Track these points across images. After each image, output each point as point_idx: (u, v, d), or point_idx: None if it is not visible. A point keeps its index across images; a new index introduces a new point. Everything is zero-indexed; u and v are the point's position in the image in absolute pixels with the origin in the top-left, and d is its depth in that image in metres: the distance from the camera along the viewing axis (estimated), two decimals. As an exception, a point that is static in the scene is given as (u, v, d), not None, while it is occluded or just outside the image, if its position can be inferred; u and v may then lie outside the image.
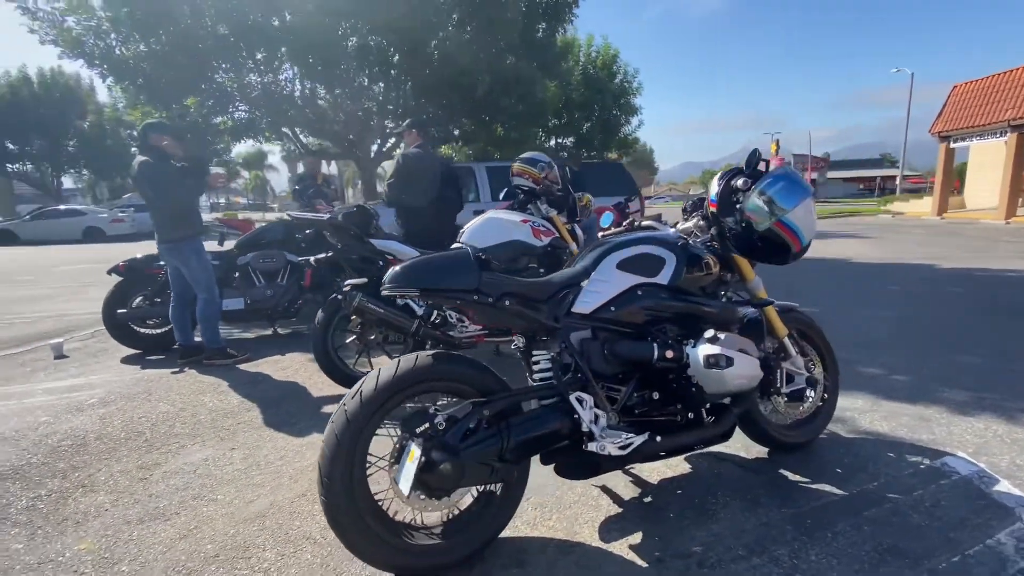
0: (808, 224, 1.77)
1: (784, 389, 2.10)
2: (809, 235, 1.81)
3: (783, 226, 1.74)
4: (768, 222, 1.74)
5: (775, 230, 1.76)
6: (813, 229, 1.81)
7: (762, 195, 1.73)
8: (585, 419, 1.61)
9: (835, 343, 3.42)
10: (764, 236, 1.78)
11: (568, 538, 1.70)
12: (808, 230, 1.79)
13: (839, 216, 21.34)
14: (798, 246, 1.80)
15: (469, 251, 1.66)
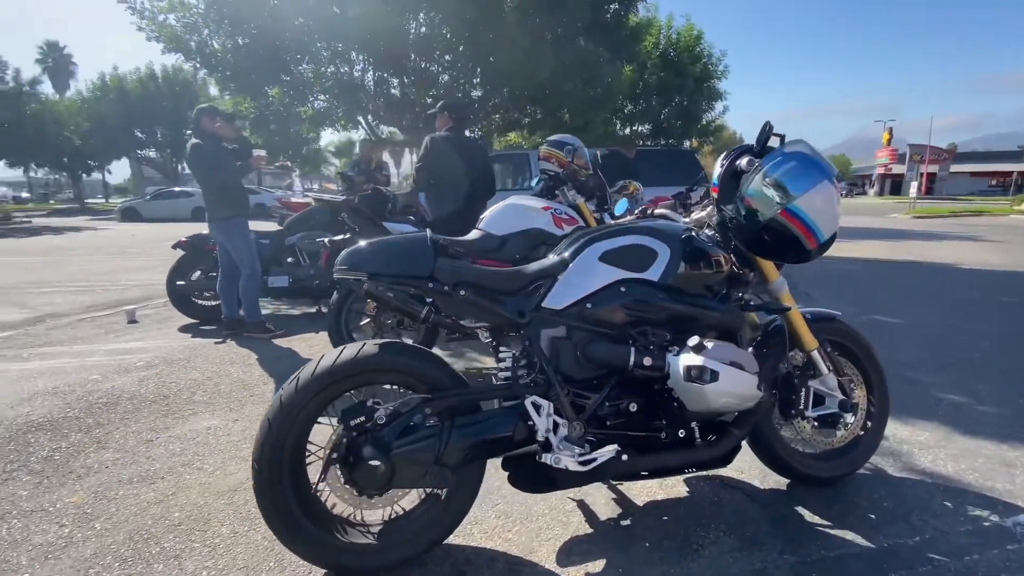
0: (826, 215, 1.44)
1: (810, 412, 1.78)
2: (828, 229, 1.46)
3: (791, 216, 1.42)
4: (772, 211, 1.43)
5: (781, 220, 1.44)
6: (834, 221, 1.47)
7: (767, 177, 1.43)
8: (540, 427, 1.44)
9: (913, 362, 2.93)
10: (769, 227, 1.47)
11: (523, 555, 1.54)
12: (826, 222, 1.45)
13: (959, 215, 18.62)
14: (812, 241, 1.47)
15: (427, 235, 1.53)
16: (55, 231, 15.07)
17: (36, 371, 3.24)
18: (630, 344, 1.50)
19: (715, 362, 1.39)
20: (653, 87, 16.44)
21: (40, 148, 19.09)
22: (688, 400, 1.44)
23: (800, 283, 6.05)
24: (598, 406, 1.51)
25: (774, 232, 1.47)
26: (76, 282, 6.56)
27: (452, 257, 1.54)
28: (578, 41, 9.15)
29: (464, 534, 1.64)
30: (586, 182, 3.23)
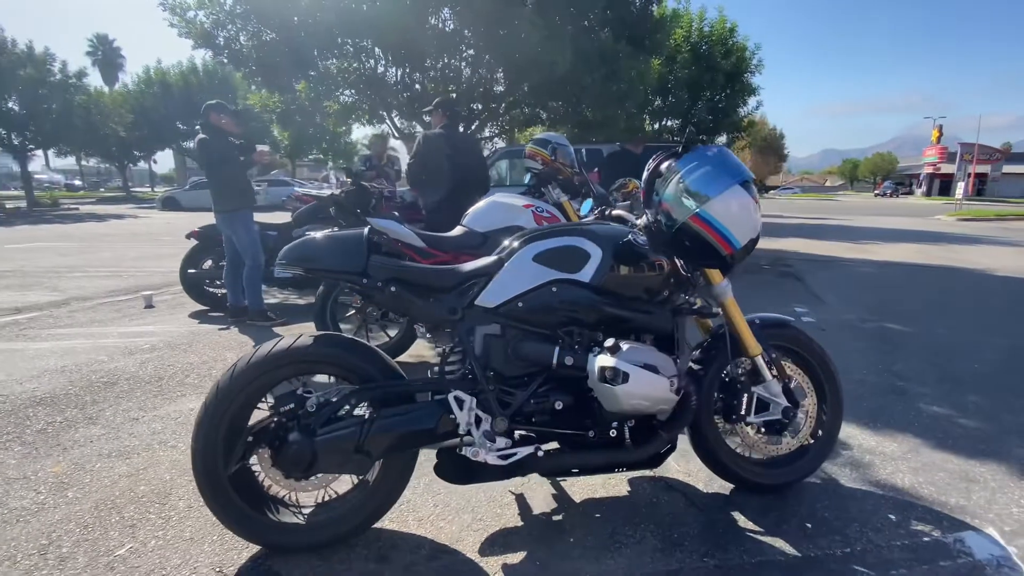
0: (739, 221, 1.41)
1: (752, 418, 1.76)
2: (743, 234, 1.44)
3: (702, 221, 1.41)
4: (684, 216, 1.42)
5: (693, 226, 1.43)
6: (750, 227, 1.44)
7: (681, 182, 1.42)
8: (462, 421, 1.49)
9: (909, 372, 2.86)
10: (683, 232, 1.46)
11: (449, 543, 1.60)
12: (740, 228, 1.42)
13: (1005, 219, 17.55)
14: (727, 247, 1.45)
15: (363, 232, 1.59)
16: (98, 218, 15.95)
17: (51, 350, 3.48)
18: (556, 344, 1.53)
19: (627, 364, 1.40)
20: (682, 81, 16.08)
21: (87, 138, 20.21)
22: (603, 400, 1.46)
23: (813, 285, 5.88)
24: (524, 403, 1.54)
25: (689, 237, 1.46)
26: (106, 267, 6.96)
27: (388, 255, 1.59)
28: (599, 34, 9.04)
29: (399, 520, 1.71)
30: (570, 180, 3.23)
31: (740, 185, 1.40)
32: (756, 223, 1.46)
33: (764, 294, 5.42)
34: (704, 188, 1.39)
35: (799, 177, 70.60)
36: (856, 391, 2.80)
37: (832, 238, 11.51)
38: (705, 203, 1.39)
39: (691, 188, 1.39)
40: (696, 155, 1.44)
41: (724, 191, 1.39)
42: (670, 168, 1.48)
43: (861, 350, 3.53)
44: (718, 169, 1.40)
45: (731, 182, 1.39)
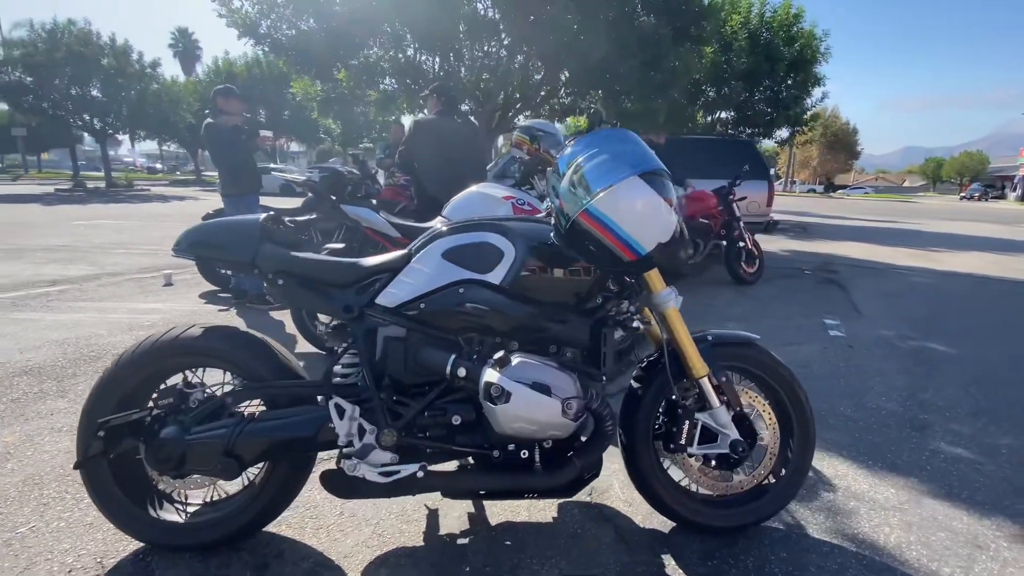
0: (639, 220, 1.17)
1: (694, 449, 1.53)
2: (646, 237, 1.20)
3: (591, 218, 1.18)
4: (574, 211, 1.20)
5: (583, 223, 1.20)
6: (656, 228, 1.20)
7: (577, 170, 1.19)
8: (341, 431, 1.35)
9: (939, 404, 2.59)
10: (577, 231, 1.23)
11: (336, 559, 1.48)
12: (641, 229, 1.18)
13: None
14: (627, 252, 1.21)
15: (257, 220, 1.49)
16: (163, 199, 17.09)
17: (62, 322, 3.67)
18: (454, 352, 1.37)
19: (511, 381, 1.22)
20: (738, 71, 15.13)
21: (159, 125, 21.72)
22: (489, 420, 1.28)
23: (855, 294, 5.33)
24: (418, 415, 1.39)
25: (583, 237, 1.24)
26: (149, 245, 7.37)
27: (283, 244, 1.48)
28: (639, 20, 8.60)
29: (297, 526, 1.61)
30: (557, 171, 3.00)
31: (639, 177, 1.16)
32: (666, 223, 1.22)
33: (793, 301, 4.96)
34: (596, 179, 1.17)
35: (873, 176, 65.33)
36: (865, 421, 2.44)
37: (896, 243, 10.50)
38: (595, 197, 1.17)
39: (584, 178, 1.17)
40: (594, 138, 1.22)
41: (616, 183, 1.16)
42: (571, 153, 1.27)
43: (888, 372, 3.11)
44: (616, 157, 1.18)
45: (627, 173, 1.16)
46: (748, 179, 7.31)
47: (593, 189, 1.17)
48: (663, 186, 1.20)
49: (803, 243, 10.32)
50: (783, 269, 6.96)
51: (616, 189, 1.16)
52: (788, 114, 16.19)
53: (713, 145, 8.26)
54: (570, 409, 1.25)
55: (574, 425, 1.28)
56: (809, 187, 49.02)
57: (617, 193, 1.17)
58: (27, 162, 31.46)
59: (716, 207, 5.73)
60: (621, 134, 1.25)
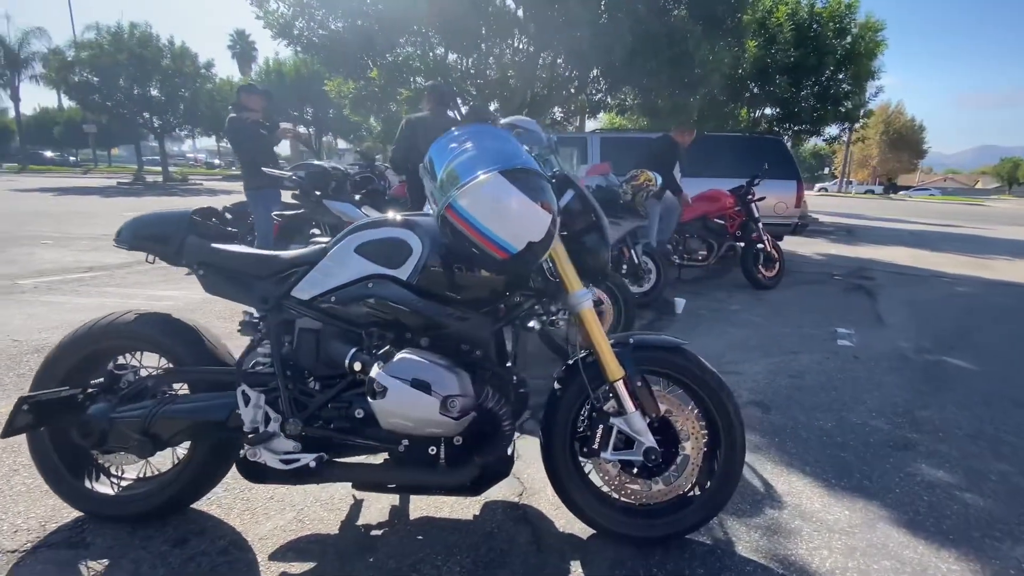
0: (502, 218, 1.13)
1: (608, 454, 1.49)
2: (514, 236, 1.16)
3: (456, 214, 1.15)
4: (442, 206, 1.17)
5: (450, 219, 1.17)
6: (524, 228, 1.15)
7: (450, 163, 1.16)
8: (246, 418, 1.40)
9: (934, 423, 2.51)
10: (447, 227, 1.20)
11: (252, 540, 1.54)
12: (507, 227, 1.14)
13: None
14: (497, 251, 1.17)
15: (187, 213, 1.56)
16: (212, 193, 18.05)
17: (85, 305, 3.96)
18: (354, 345, 1.38)
19: (388, 377, 1.22)
20: (781, 65, 14.43)
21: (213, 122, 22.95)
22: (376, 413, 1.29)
23: (883, 303, 5.00)
24: (322, 407, 1.42)
25: (453, 233, 1.21)
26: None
27: (208, 237, 1.54)
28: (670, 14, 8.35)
29: (227, 506, 1.68)
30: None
31: (502, 173, 1.13)
32: (535, 222, 1.17)
33: (810, 308, 4.71)
34: (462, 173, 1.14)
35: (941, 176, 60.75)
36: (843, 436, 2.29)
37: (950, 249, 9.77)
38: (457, 192, 1.14)
39: (453, 172, 1.14)
40: (466, 133, 1.19)
41: (475, 178, 1.13)
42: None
43: (888, 387, 2.90)
44: (482, 153, 1.14)
45: (489, 168, 1.12)
46: (776, 178, 7.00)
47: (456, 184, 1.15)
48: (530, 184, 1.16)
49: (843, 247, 9.78)
50: (811, 274, 6.61)
51: (476, 185, 1.14)
52: (838, 110, 15.34)
53: (739, 142, 7.92)
54: (453, 407, 1.24)
55: (455, 423, 1.27)
56: (867, 188, 46.13)
57: (478, 189, 1.14)
58: (97, 157, 34.02)
59: (732, 207, 5.50)
60: (492, 131, 1.22)
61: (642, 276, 4.48)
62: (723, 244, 5.53)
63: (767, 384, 2.89)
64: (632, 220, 4.34)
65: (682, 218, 5.47)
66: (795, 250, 8.74)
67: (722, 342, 3.64)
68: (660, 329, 3.98)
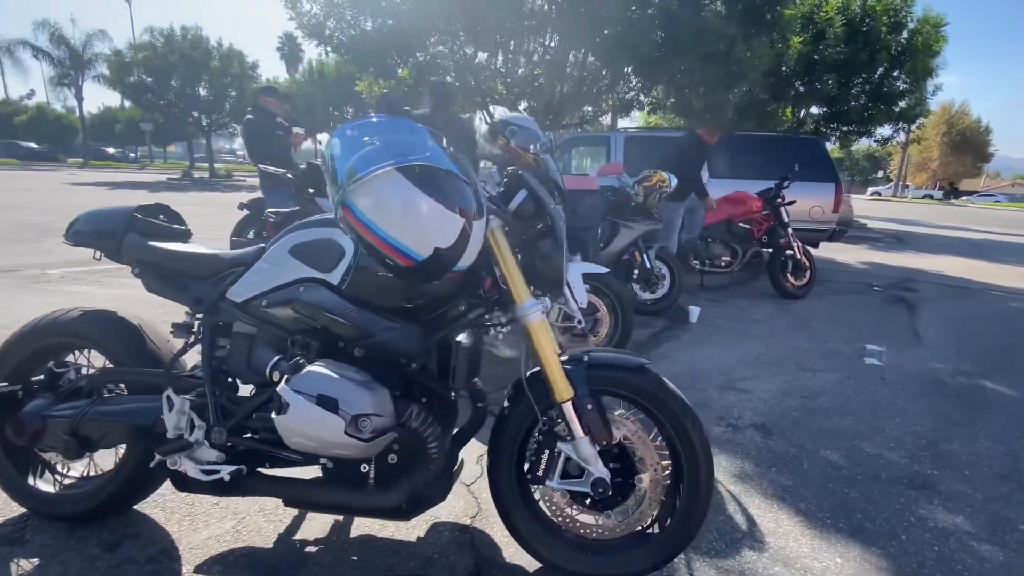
0: (400, 220, 1.00)
1: (554, 483, 1.35)
2: (418, 241, 1.02)
3: (353, 216, 1.03)
4: (338, 205, 1.05)
5: (346, 220, 1.05)
6: (427, 231, 1.02)
7: (346, 159, 1.03)
8: (169, 424, 1.34)
9: (960, 459, 2.24)
10: (347, 228, 1.08)
11: (184, 550, 1.48)
12: (408, 231, 1.01)
13: None
14: (400, 257, 1.04)
15: (129, 209, 1.52)
16: (253, 188, 18.70)
17: (103, 295, 4.10)
18: (275, 352, 1.30)
19: (292, 392, 1.13)
20: (829, 63, 13.66)
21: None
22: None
23: (924, 317, 4.59)
24: (248, 416, 1.35)
25: (353, 235, 1.09)
26: (211, 230, 8.07)
27: (148, 235, 1.50)
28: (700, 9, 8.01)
29: (169, 510, 1.64)
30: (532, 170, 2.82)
31: (399, 170, 1.00)
32: (443, 227, 1.04)
33: (839, 321, 4.37)
34: (358, 168, 1.02)
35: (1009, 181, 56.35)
36: (851, 469, 2.06)
37: (1010, 260, 9.00)
38: (351, 189, 1.02)
39: (352, 168, 1.02)
40: (370, 123, 1.07)
41: (368, 174, 1.00)
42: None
43: (913, 414, 2.61)
44: (384, 145, 1.01)
45: (383, 163, 1.00)
46: (812, 180, 6.58)
47: (348, 180, 1.02)
48: (435, 183, 1.03)
49: (890, 255, 9.14)
50: (848, 284, 6.18)
51: (368, 182, 1.01)
52: (892, 110, 14.42)
53: (773, 142, 7.51)
54: (364, 427, 1.13)
55: (365, 446, 1.16)
56: (925, 192, 43.32)
57: (367, 186, 1.02)
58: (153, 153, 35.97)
59: (759, 211, 5.18)
60: (400, 123, 1.11)
61: (655, 282, 4.27)
62: (748, 250, 5.22)
63: (775, 405, 2.66)
64: (644, 223, 4.14)
65: (705, 222, 5.20)
66: (834, 257, 8.22)
67: (734, 356, 3.40)
68: (670, 339, 3.76)
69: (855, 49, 13.47)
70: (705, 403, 2.63)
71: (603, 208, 4.06)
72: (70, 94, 29.58)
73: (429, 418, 1.23)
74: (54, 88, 28.65)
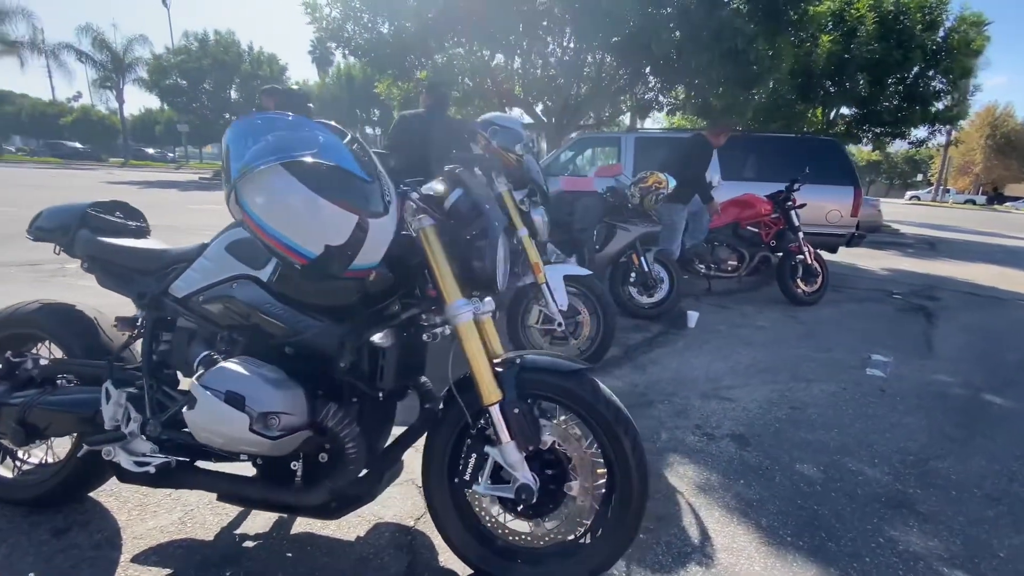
0: (288, 217, 0.98)
1: (480, 488, 1.32)
2: (307, 238, 1.00)
3: (244, 212, 1.02)
4: (228, 203, 1.04)
5: (244, 221, 1.04)
6: (312, 228, 0.99)
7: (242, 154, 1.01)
8: (106, 415, 1.37)
9: (952, 477, 2.13)
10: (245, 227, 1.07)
11: (128, 539, 1.51)
12: (296, 228, 0.99)
13: None
14: (293, 255, 1.02)
15: (82, 206, 1.56)
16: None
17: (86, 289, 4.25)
18: (206, 349, 1.32)
19: (201, 387, 1.13)
20: (862, 61, 13.17)
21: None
22: None
23: (941, 328, 4.37)
24: (178, 409, 1.37)
25: (250, 232, 1.08)
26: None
27: (99, 231, 1.54)
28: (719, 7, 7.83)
29: (122, 498, 1.68)
30: (514, 170, 2.81)
31: (284, 165, 0.99)
32: (333, 224, 1.01)
33: (848, 329, 4.19)
34: (247, 165, 1.00)
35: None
36: (826, 484, 1.97)
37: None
38: (240, 184, 1.01)
39: (243, 163, 1.01)
40: (265, 119, 1.06)
41: (252, 170, 0.99)
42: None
43: (908, 428, 2.48)
44: (275, 140, 1.00)
45: (268, 158, 0.98)
46: (830, 183, 6.35)
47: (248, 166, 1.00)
48: (322, 179, 1.01)
49: (917, 261, 8.76)
50: (865, 290, 5.93)
51: (254, 178, 1.00)
52: (927, 111, 13.81)
53: (789, 144, 7.26)
54: (272, 425, 1.13)
55: (271, 443, 1.15)
56: (967, 197, 41.33)
57: (257, 183, 1.01)
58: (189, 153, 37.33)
59: (768, 214, 5.02)
60: (292, 119, 1.09)
61: (652, 285, 4.19)
62: (756, 254, 5.06)
63: (758, 415, 2.56)
64: (642, 225, 4.06)
65: (711, 224, 5.06)
66: (856, 263, 7.91)
67: (726, 363, 3.30)
68: (664, 344, 3.68)
69: (888, 48, 12.98)
70: (684, 411, 2.55)
71: (599, 209, 4.01)
72: (112, 96, 31.02)
73: (347, 418, 1.22)
74: (97, 90, 30.06)
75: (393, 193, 1.17)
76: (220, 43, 20.30)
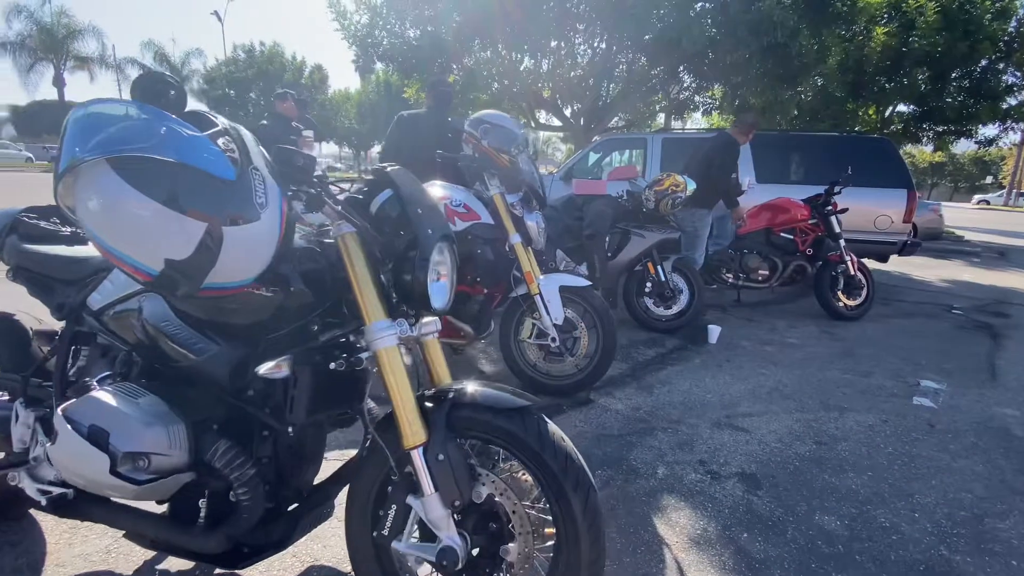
0: (126, 229, 0.79)
1: (403, 546, 1.13)
2: (140, 252, 0.81)
3: (82, 225, 0.84)
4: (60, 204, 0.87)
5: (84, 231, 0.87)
6: (152, 241, 0.80)
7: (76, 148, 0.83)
8: (14, 436, 1.26)
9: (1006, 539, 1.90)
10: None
11: (49, 566, 1.41)
12: (125, 240, 0.80)
13: None
14: (136, 273, 0.84)
15: (11, 212, 1.47)
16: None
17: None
18: (107, 369, 1.18)
19: (63, 420, 0.98)
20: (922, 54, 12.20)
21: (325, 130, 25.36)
22: None
23: (1010, 349, 3.84)
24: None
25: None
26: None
27: (28, 238, 1.44)
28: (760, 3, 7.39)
29: (60, 520, 1.57)
30: (507, 172, 2.60)
31: (108, 162, 0.80)
32: (171, 234, 0.82)
33: (896, 349, 3.73)
34: (73, 159, 0.82)
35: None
36: (851, 544, 1.65)
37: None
38: (60, 184, 0.83)
39: (72, 158, 0.83)
40: (101, 107, 0.87)
41: (72, 167, 0.81)
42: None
43: (962, 473, 2.10)
44: (108, 133, 0.81)
45: (88, 156, 0.80)
46: (880, 186, 5.81)
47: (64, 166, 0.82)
48: (155, 179, 0.82)
49: (983, 272, 7.95)
50: (920, 304, 5.37)
51: (77, 177, 0.83)
52: (997, 107, 12.66)
53: (835, 143, 6.70)
54: (140, 467, 0.97)
55: (138, 489, 0.99)
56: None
57: (80, 183, 0.83)
58: (237, 160, 39.13)
59: (805, 219, 4.59)
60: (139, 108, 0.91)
61: (670, 297, 3.88)
62: (790, 263, 4.64)
63: (776, 451, 2.24)
64: (659, 232, 3.77)
65: (740, 230, 4.69)
66: (911, 273, 7.24)
67: (746, 385, 2.97)
68: (678, 361, 3.37)
69: (952, 39, 11.97)
70: (689, 442, 2.27)
71: (612, 214, 3.75)
72: (171, 107, 32.81)
73: (238, 458, 1.05)
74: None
75: (275, 195, 0.98)
76: (265, 54, 21.19)
